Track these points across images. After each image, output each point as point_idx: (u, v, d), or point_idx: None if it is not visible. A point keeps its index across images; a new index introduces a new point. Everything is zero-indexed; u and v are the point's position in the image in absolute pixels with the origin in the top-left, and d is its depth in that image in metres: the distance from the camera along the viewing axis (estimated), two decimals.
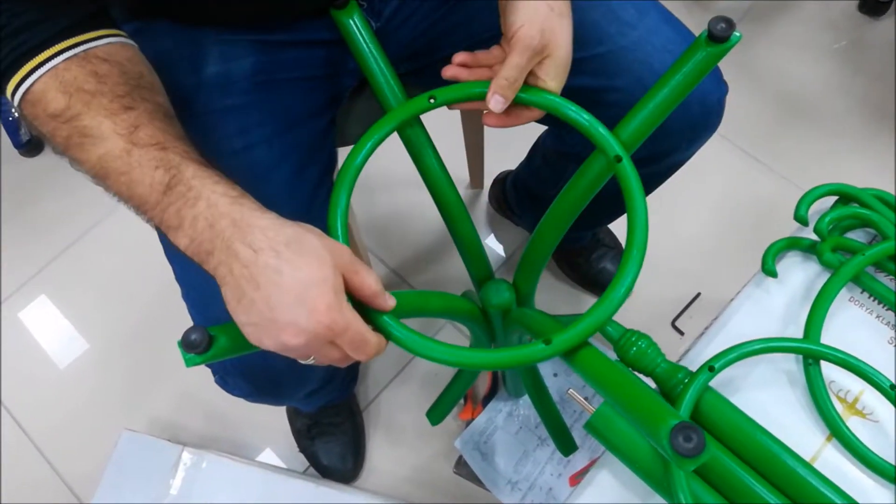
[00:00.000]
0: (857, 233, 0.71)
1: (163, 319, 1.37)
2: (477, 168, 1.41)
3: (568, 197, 0.65)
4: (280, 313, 0.47)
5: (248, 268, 0.47)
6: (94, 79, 0.53)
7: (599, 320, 0.54)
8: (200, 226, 0.49)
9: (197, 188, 0.50)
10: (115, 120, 0.52)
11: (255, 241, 0.48)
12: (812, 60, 1.58)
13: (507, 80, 0.58)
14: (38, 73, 0.52)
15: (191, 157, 0.52)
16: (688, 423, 0.42)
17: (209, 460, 1.08)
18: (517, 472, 1.11)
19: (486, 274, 0.75)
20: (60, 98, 0.52)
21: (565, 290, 1.36)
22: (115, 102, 0.53)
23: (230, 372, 0.71)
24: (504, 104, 0.59)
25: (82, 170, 0.54)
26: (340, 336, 0.49)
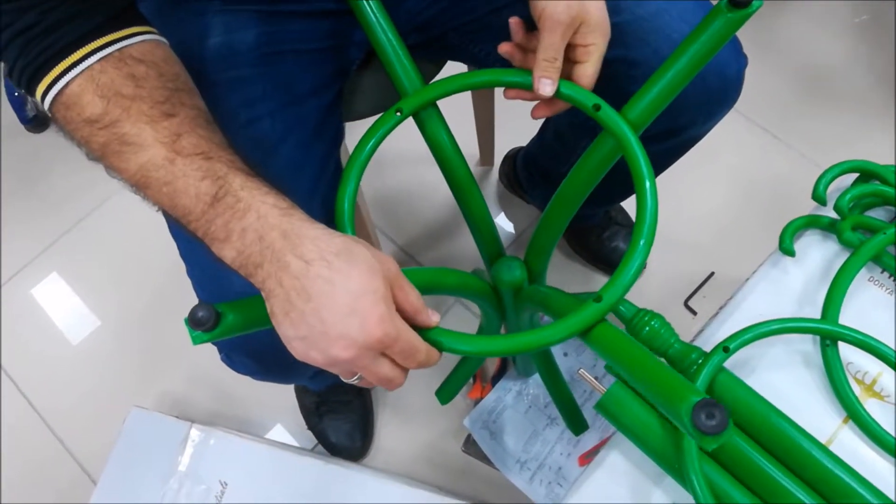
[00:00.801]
0: (878, 211, 0.69)
1: (173, 296, 1.37)
2: (487, 145, 1.39)
3: (579, 174, 0.63)
4: (331, 325, 0.46)
5: (299, 279, 0.46)
6: (131, 82, 0.51)
7: (639, 266, 0.53)
8: (249, 238, 0.48)
9: (246, 199, 0.49)
10: (156, 127, 0.50)
11: (307, 253, 0.46)
12: (832, 35, 1.55)
13: (547, 61, 0.58)
14: (72, 74, 0.50)
15: (237, 167, 0.51)
16: (710, 399, 0.40)
17: (217, 437, 1.08)
18: (526, 452, 1.11)
19: (497, 251, 0.74)
20: (98, 102, 0.50)
21: (577, 269, 1.35)
22: (155, 108, 0.51)
23: (236, 350, 0.70)
24: (553, 85, 0.59)
25: (120, 178, 0.52)
26: (391, 347, 0.48)
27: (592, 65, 0.60)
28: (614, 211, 1.31)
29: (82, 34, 0.50)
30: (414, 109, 0.65)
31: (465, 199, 0.71)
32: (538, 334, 0.53)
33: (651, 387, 0.45)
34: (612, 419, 0.59)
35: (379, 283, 0.47)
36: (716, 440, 0.40)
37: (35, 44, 0.49)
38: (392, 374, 0.50)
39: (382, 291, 0.47)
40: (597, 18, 0.59)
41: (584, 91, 0.61)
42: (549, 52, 0.58)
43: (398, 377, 0.51)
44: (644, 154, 0.56)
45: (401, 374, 0.50)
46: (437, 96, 0.65)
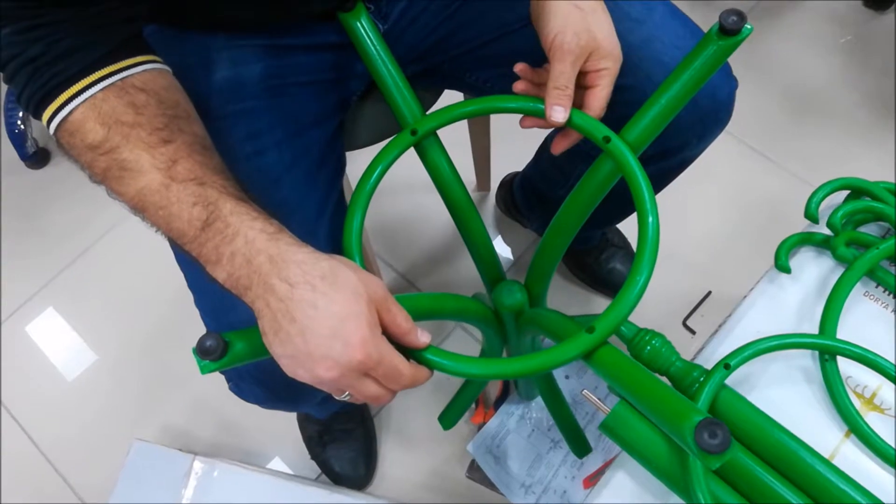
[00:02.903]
0: (871, 227, 0.70)
1: (170, 329, 1.37)
2: (484, 170, 1.41)
3: (577, 199, 0.65)
4: (315, 347, 0.47)
5: (284, 302, 0.48)
6: (132, 110, 0.53)
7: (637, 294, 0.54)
8: (238, 262, 0.50)
9: (234, 225, 0.51)
10: (153, 153, 0.52)
11: (291, 276, 0.48)
12: (818, 55, 1.58)
13: (558, 90, 0.59)
14: (76, 103, 0.52)
15: (228, 193, 0.53)
16: (712, 419, 0.41)
17: (221, 469, 1.08)
18: (531, 476, 1.10)
19: (497, 276, 0.75)
20: (99, 130, 0.52)
21: (575, 291, 1.36)
22: (153, 135, 0.53)
23: (245, 378, 0.70)
24: (565, 112, 0.60)
25: (120, 200, 0.54)
26: (374, 369, 0.49)
27: (604, 88, 0.61)
28: (611, 233, 1.32)
29: (87, 64, 0.52)
30: (430, 131, 0.67)
31: (466, 224, 0.71)
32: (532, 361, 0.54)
33: (653, 407, 0.46)
34: (617, 439, 0.60)
35: (362, 306, 0.48)
36: (719, 459, 0.41)
37: (42, 72, 0.52)
38: (378, 393, 0.51)
39: (366, 315, 0.48)
40: (607, 46, 0.60)
41: (595, 122, 0.61)
42: (559, 80, 0.59)
43: (384, 396, 0.52)
44: (649, 187, 0.57)
45: (386, 392, 0.52)
46: (453, 119, 0.66)
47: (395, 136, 0.66)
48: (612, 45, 0.60)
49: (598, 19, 0.60)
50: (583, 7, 0.60)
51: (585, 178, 0.64)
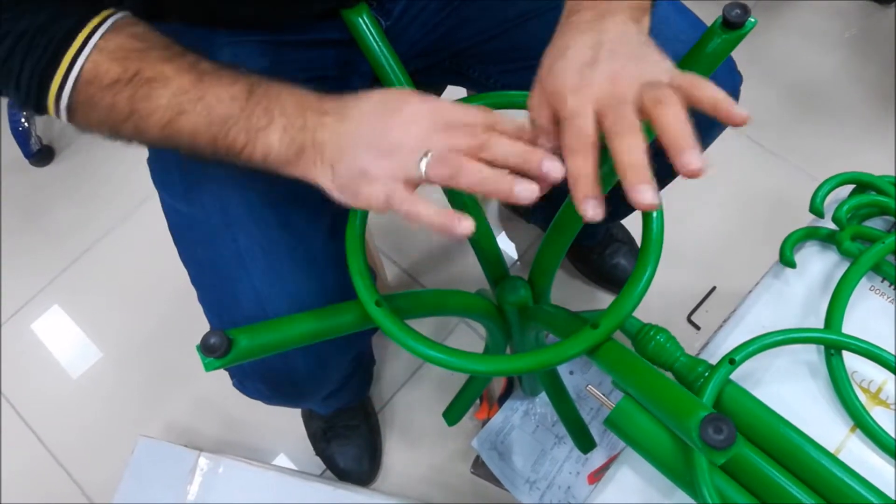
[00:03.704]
0: (876, 221, 0.70)
1: (175, 326, 1.38)
2: None
3: None
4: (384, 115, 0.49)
5: (340, 111, 0.51)
6: (137, 40, 0.53)
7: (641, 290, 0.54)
8: (290, 109, 0.51)
9: (277, 86, 0.52)
10: (174, 64, 0.52)
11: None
12: (823, 50, 1.57)
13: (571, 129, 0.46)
14: (84, 55, 0.51)
15: (262, 75, 0.53)
16: (717, 414, 0.41)
17: (226, 465, 1.08)
18: (535, 472, 1.11)
19: (501, 272, 0.75)
20: (114, 66, 0.52)
21: (579, 287, 1.36)
22: (167, 50, 0.53)
23: (249, 375, 0.71)
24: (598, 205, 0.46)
25: (150, 129, 0.53)
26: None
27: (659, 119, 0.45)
28: (615, 228, 1.32)
29: (78, 20, 0.52)
30: None
31: None
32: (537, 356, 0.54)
33: (658, 403, 0.46)
34: (622, 434, 0.59)
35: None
36: (724, 454, 0.41)
37: (39, 38, 0.51)
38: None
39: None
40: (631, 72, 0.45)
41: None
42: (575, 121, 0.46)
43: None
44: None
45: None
46: None
47: None
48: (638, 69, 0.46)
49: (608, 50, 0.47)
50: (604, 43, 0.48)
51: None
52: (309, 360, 0.68)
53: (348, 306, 0.58)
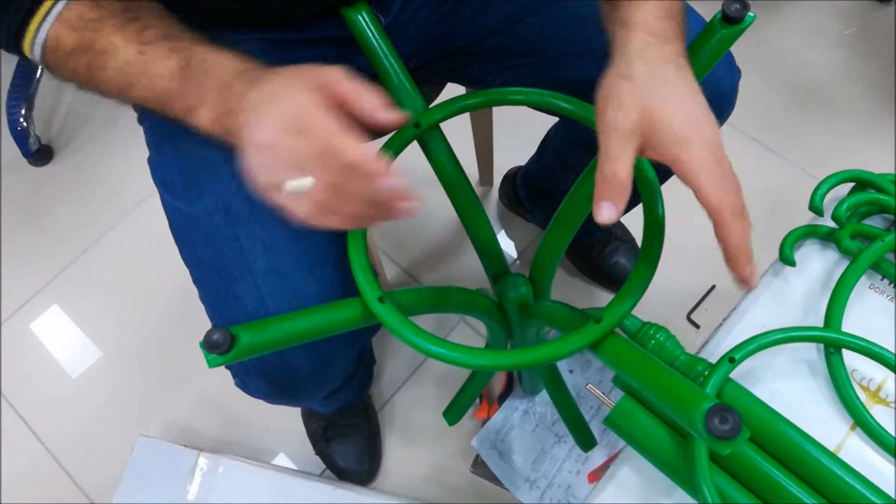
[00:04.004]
0: (875, 219, 0.70)
1: (174, 326, 1.38)
2: (486, 165, 1.41)
3: (582, 189, 0.64)
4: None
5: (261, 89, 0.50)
6: (94, 9, 0.55)
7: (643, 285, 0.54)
8: (217, 88, 0.52)
9: (211, 57, 0.53)
10: (123, 33, 0.54)
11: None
12: (822, 47, 1.57)
13: (603, 178, 0.45)
14: (47, 24, 0.54)
15: (200, 41, 0.54)
16: (723, 404, 0.41)
17: (225, 465, 1.08)
18: (535, 471, 1.10)
19: (501, 270, 0.75)
20: (72, 35, 0.54)
21: (578, 285, 1.35)
22: (119, 17, 0.54)
23: (251, 373, 0.71)
24: (613, 211, 0.45)
25: (109, 93, 0.56)
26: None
27: (700, 188, 0.46)
28: (614, 226, 1.32)
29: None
30: (433, 124, 0.66)
31: (470, 217, 0.71)
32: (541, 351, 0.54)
33: (663, 395, 0.46)
34: (622, 433, 0.59)
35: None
36: (730, 444, 0.40)
37: (9, 3, 0.54)
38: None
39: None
40: (673, 125, 0.44)
41: (590, 107, 0.61)
42: (604, 166, 0.45)
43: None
44: (655, 176, 0.57)
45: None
46: (456, 111, 0.66)
47: (399, 130, 0.66)
48: (679, 125, 0.44)
49: (659, 92, 0.45)
50: (633, 75, 0.45)
51: (589, 169, 0.64)
52: (311, 359, 0.68)
53: (351, 303, 0.58)
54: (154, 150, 0.72)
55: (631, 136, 0.45)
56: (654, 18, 0.48)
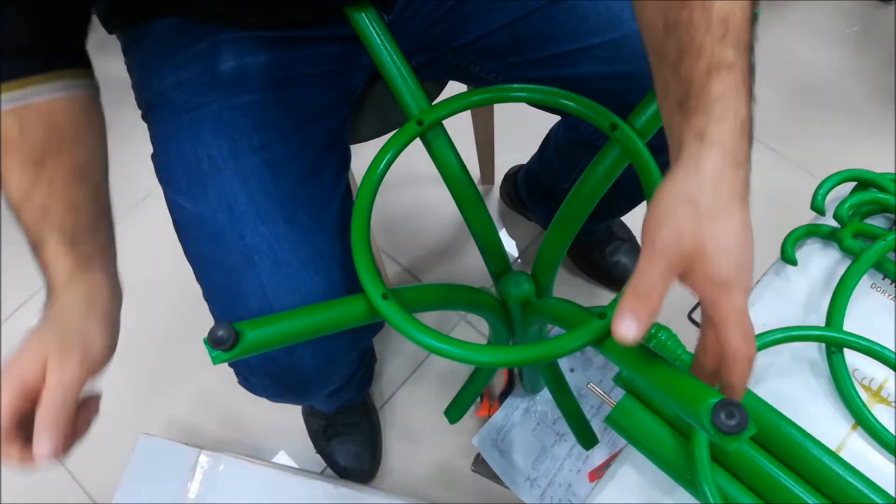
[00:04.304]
0: (877, 218, 0.70)
1: (176, 324, 1.38)
2: (488, 163, 1.41)
3: (584, 187, 0.64)
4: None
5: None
6: (17, 129, 0.56)
7: None
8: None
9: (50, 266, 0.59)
10: (27, 179, 0.57)
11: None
12: (824, 46, 1.57)
13: (635, 292, 0.43)
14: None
15: (62, 233, 0.58)
16: (729, 399, 0.41)
17: (227, 463, 1.08)
18: (536, 469, 1.10)
19: (503, 267, 0.75)
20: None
21: (580, 284, 1.35)
22: (28, 160, 0.57)
23: (255, 371, 0.71)
24: (635, 328, 0.42)
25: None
26: None
27: (725, 328, 0.43)
28: (615, 226, 1.32)
29: (13, 71, 0.55)
30: (436, 121, 0.66)
31: (472, 215, 0.71)
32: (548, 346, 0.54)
33: (668, 391, 0.45)
34: (623, 432, 0.59)
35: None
36: (737, 439, 0.40)
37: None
38: None
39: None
40: (719, 265, 0.42)
41: (600, 108, 0.61)
42: (639, 282, 0.43)
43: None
44: (659, 173, 0.57)
45: None
46: (459, 108, 0.66)
47: (402, 127, 0.66)
48: (726, 267, 0.42)
49: (720, 228, 0.42)
50: (700, 204, 0.42)
51: (591, 167, 0.64)
52: (315, 357, 0.69)
53: (355, 299, 0.58)
54: (158, 147, 0.72)
55: (677, 265, 0.43)
56: (730, 136, 0.43)
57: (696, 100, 0.44)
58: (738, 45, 0.44)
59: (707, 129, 0.43)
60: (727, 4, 0.44)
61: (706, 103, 0.43)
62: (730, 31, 0.44)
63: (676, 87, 0.45)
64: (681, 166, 0.44)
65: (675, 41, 0.45)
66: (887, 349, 0.61)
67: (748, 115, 0.44)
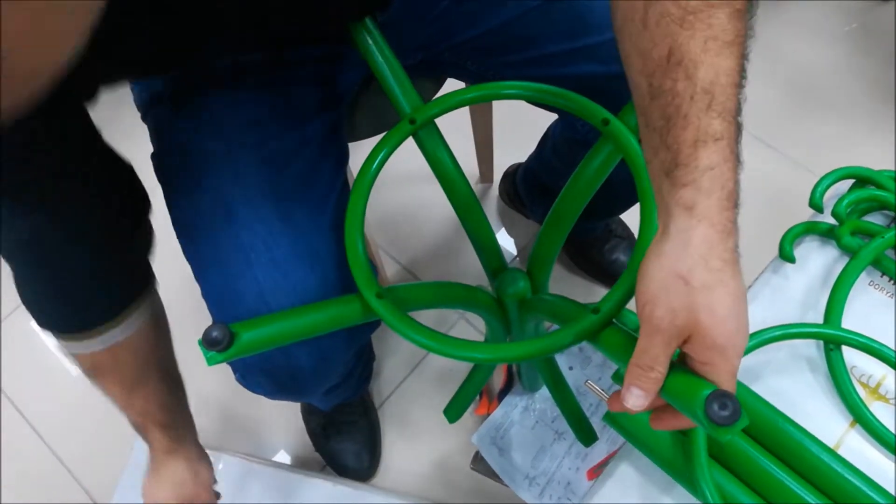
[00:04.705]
0: (875, 216, 0.70)
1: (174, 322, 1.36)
2: (486, 162, 1.41)
3: (577, 183, 0.64)
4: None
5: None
6: (111, 361, 0.69)
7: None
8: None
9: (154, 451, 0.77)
10: (124, 393, 0.73)
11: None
12: (823, 44, 1.57)
13: (639, 368, 0.45)
14: (77, 350, 0.67)
15: (156, 422, 0.75)
16: (722, 391, 0.41)
17: (225, 461, 1.08)
18: (534, 468, 1.10)
19: (499, 265, 0.75)
20: (88, 366, 0.69)
21: (578, 282, 1.35)
22: (127, 380, 0.71)
23: (252, 370, 0.71)
24: (645, 398, 0.45)
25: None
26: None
27: (717, 383, 0.44)
28: (614, 223, 1.32)
29: (95, 318, 0.65)
30: (428, 119, 0.66)
31: (467, 213, 0.71)
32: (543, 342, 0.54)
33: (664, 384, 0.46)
34: (621, 430, 0.60)
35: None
36: (730, 430, 0.40)
37: (69, 316, 0.65)
38: None
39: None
40: (714, 334, 0.43)
41: (592, 104, 0.61)
42: (642, 358, 0.45)
43: None
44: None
45: None
46: (451, 106, 0.66)
47: (395, 126, 0.66)
48: (722, 335, 0.43)
49: (713, 300, 0.43)
50: (692, 281, 0.43)
51: (584, 163, 0.64)
52: (311, 356, 0.69)
53: (350, 299, 0.58)
54: (157, 146, 0.72)
55: (675, 339, 0.44)
56: (719, 210, 0.44)
57: (683, 170, 0.44)
58: (724, 114, 0.44)
59: (696, 203, 0.44)
60: (710, 72, 0.44)
61: (694, 177, 0.44)
62: (715, 99, 0.44)
63: (664, 154, 0.45)
64: (670, 239, 0.45)
65: (660, 108, 0.45)
66: (885, 346, 0.61)
67: (735, 185, 0.45)
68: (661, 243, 0.45)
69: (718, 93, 0.44)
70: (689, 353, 0.45)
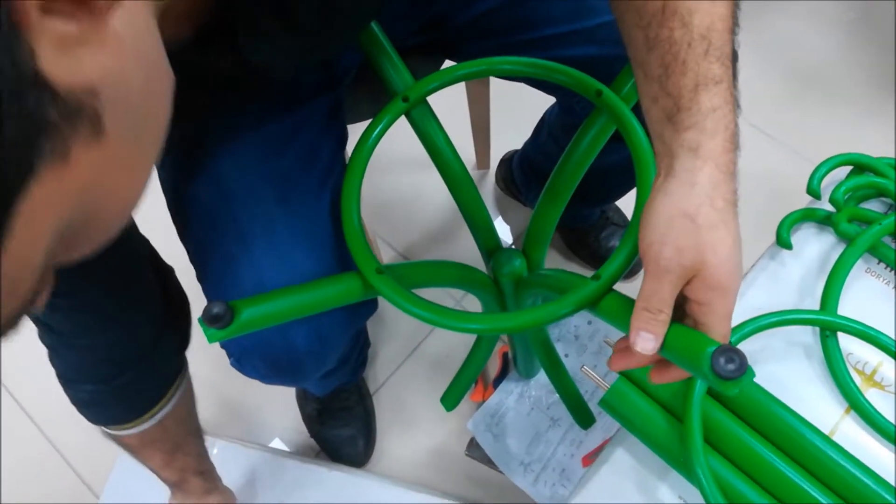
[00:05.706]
0: (873, 203, 0.70)
1: None
2: (483, 148, 1.40)
3: (571, 158, 0.65)
4: None
5: None
6: (160, 431, 0.72)
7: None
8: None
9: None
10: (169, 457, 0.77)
11: None
12: (822, 32, 1.56)
13: (648, 312, 0.45)
14: (126, 432, 0.70)
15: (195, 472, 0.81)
16: (727, 346, 0.41)
17: (220, 446, 1.08)
18: (530, 454, 1.11)
19: (494, 245, 0.75)
20: (135, 439, 0.72)
21: (575, 270, 1.35)
22: (166, 447, 0.76)
23: (247, 353, 0.70)
24: (655, 341, 0.45)
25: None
26: None
27: (712, 326, 0.45)
28: (610, 211, 1.32)
29: (146, 404, 0.69)
30: (421, 97, 0.66)
31: (461, 193, 0.71)
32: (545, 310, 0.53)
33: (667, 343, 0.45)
34: (617, 415, 0.60)
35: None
36: (737, 384, 0.40)
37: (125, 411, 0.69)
38: None
39: None
40: (717, 274, 0.44)
41: (584, 76, 0.61)
42: (651, 301, 0.45)
43: None
44: (642, 129, 0.57)
45: None
46: (444, 83, 0.66)
47: (388, 104, 0.65)
48: (725, 275, 0.44)
49: (718, 240, 0.44)
50: (698, 219, 0.44)
51: (577, 137, 0.63)
52: (309, 337, 0.68)
53: (350, 275, 0.58)
54: None
55: (682, 279, 0.45)
56: (723, 150, 0.45)
57: (685, 114, 0.45)
58: (722, 59, 0.45)
59: (700, 144, 0.44)
60: (706, 18, 0.45)
61: (698, 119, 0.44)
62: (712, 45, 0.45)
63: (664, 101, 0.46)
64: (676, 179, 0.45)
65: (658, 58, 0.46)
66: (882, 333, 0.61)
67: (736, 127, 0.46)
68: (666, 183, 0.46)
69: (715, 38, 0.45)
70: (689, 294, 0.45)
